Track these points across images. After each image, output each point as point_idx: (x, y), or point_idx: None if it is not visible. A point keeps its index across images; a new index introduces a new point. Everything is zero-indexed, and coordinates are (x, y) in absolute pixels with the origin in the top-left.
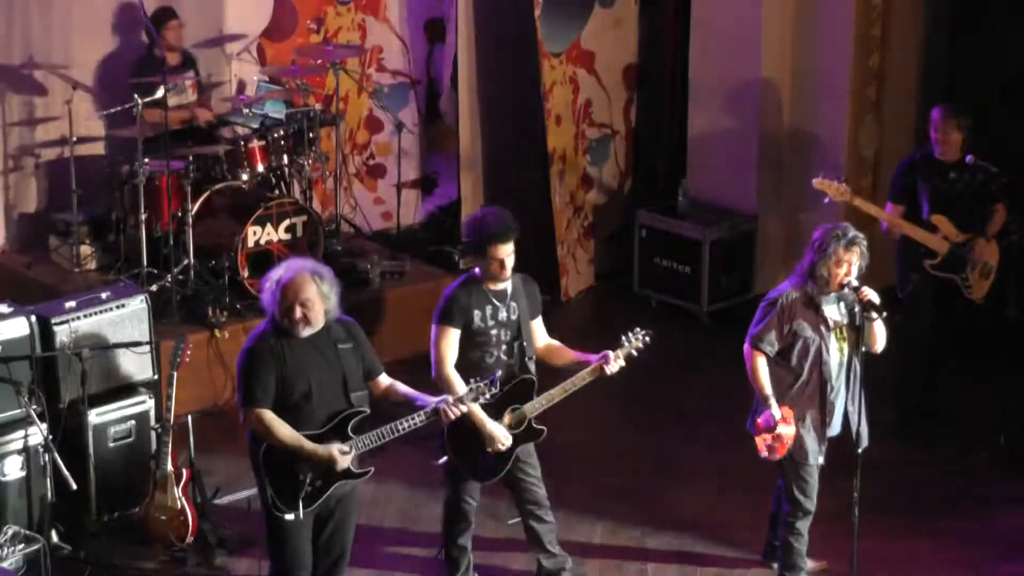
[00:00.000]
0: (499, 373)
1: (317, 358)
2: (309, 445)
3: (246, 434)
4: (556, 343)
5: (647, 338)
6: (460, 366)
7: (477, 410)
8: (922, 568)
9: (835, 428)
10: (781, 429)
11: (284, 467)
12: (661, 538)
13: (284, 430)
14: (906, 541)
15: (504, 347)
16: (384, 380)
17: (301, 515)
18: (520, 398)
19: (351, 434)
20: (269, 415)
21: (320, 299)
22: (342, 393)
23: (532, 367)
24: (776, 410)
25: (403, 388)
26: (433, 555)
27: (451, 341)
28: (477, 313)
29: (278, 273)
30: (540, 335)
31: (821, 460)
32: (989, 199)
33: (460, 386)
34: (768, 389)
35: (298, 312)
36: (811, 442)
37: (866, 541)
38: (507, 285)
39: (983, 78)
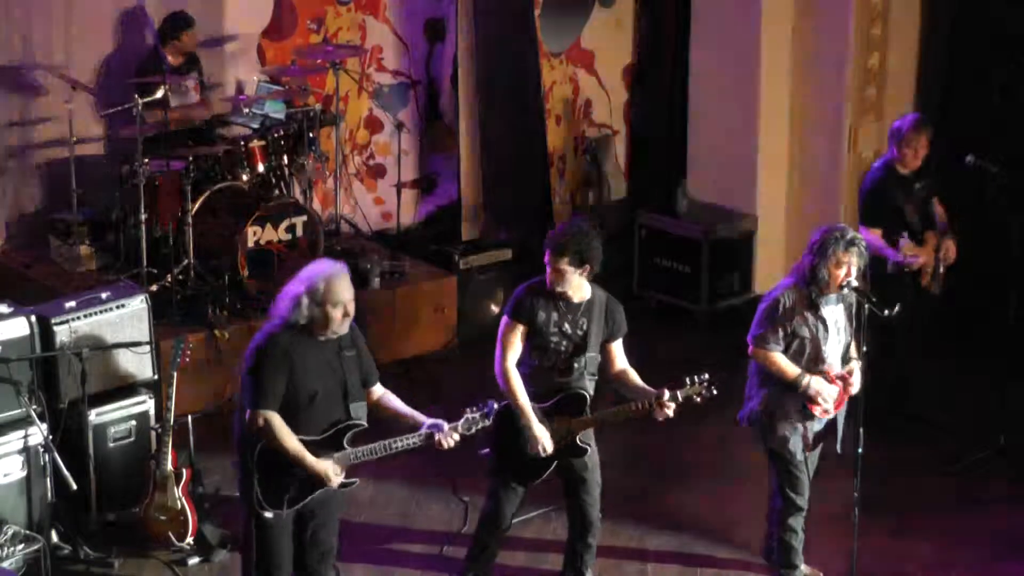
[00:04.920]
0: (494, 405)
1: (325, 363)
2: (310, 459)
3: (235, 428)
4: (630, 370)
5: (713, 389)
6: (519, 363)
7: (528, 409)
8: (922, 568)
9: (819, 424)
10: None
11: (276, 468)
12: (661, 538)
13: (289, 438)
14: (906, 541)
15: (562, 357)
16: (378, 390)
17: (284, 514)
18: (569, 411)
19: (346, 446)
20: (278, 420)
21: None
22: (342, 402)
23: (591, 386)
24: (815, 380)
25: (395, 402)
26: (434, 554)
27: (515, 336)
28: (541, 315)
29: (312, 275)
30: (619, 359)
31: (813, 457)
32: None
33: (516, 384)
34: (795, 369)
35: (340, 311)
36: (799, 439)
37: (866, 541)
38: (583, 299)
39: (983, 78)
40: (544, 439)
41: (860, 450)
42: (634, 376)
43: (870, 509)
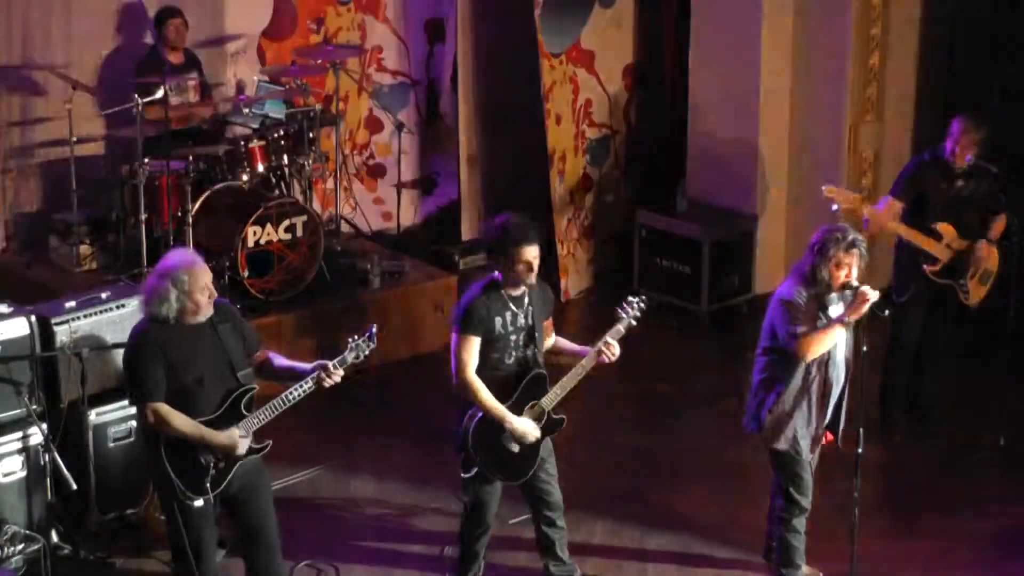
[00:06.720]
0: (375, 328)
1: (202, 344)
2: (208, 433)
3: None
4: (560, 340)
5: (643, 304)
6: (479, 368)
7: (503, 410)
8: (922, 568)
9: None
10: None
11: (186, 455)
12: (661, 538)
13: (181, 421)
14: (906, 541)
15: (521, 348)
16: (263, 354)
17: (210, 498)
18: (536, 393)
19: (244, 412)
20: (165, 408)
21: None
22: (230, 374)
23: (541, 360)
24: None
25: (280, 360)
26: (434, 554)
27: (472, 349)
28: (498, 321)
29: (172, 268)
30: (552, 332)
31: (814, 457)
32: (991, 206)
33: (484, 392)
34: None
35: (206, 295)
36: (806, 438)
37: (866, 541)
38: (525, 289)
39: (983, 78)
40: (530, 429)
41: (860, 450)
42: (566, 341)
43: (870, 509)
